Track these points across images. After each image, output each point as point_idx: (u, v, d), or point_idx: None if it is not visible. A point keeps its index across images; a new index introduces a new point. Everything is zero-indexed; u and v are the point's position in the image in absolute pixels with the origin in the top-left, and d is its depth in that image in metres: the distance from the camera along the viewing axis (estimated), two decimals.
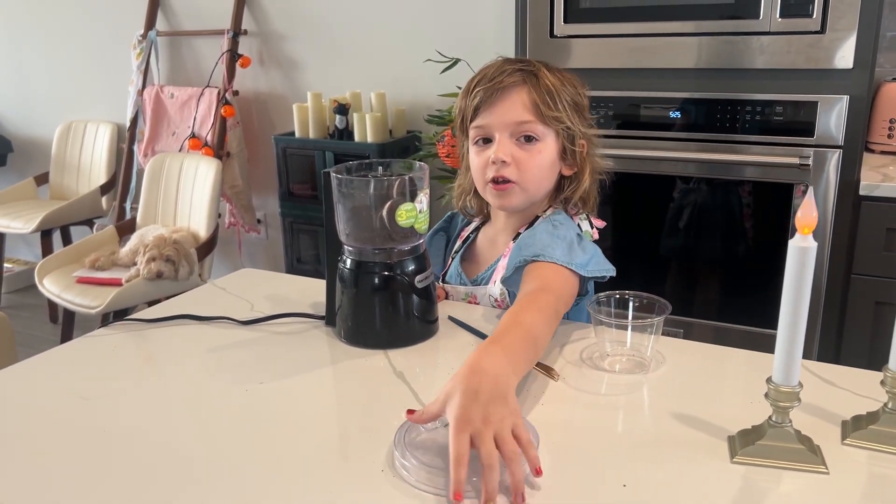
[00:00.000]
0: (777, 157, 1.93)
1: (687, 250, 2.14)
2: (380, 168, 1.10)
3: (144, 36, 3.41)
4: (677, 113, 2.04)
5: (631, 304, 1.00)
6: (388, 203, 1.03)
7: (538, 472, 0.73)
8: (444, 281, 1.33)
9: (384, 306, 1.07)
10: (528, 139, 1.15)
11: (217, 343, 1.12)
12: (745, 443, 0.78)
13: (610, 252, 1.22)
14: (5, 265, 3.85)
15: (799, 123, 1.90)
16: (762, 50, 1.90)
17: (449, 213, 1.44)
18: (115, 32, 3.59)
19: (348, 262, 1.08)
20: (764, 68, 1.91)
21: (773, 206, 1.99)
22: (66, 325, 3.02)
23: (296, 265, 3.13)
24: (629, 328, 0.99)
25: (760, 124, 1.94)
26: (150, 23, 3.42)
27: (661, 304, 0.99)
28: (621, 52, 2.06)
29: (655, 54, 2.02)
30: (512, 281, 1.12)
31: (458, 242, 1.37)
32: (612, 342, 1.01)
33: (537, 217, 1.23)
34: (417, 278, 1.06)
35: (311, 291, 1.31)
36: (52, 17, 3.78)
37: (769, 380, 0.76)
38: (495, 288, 1.21)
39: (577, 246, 1.12)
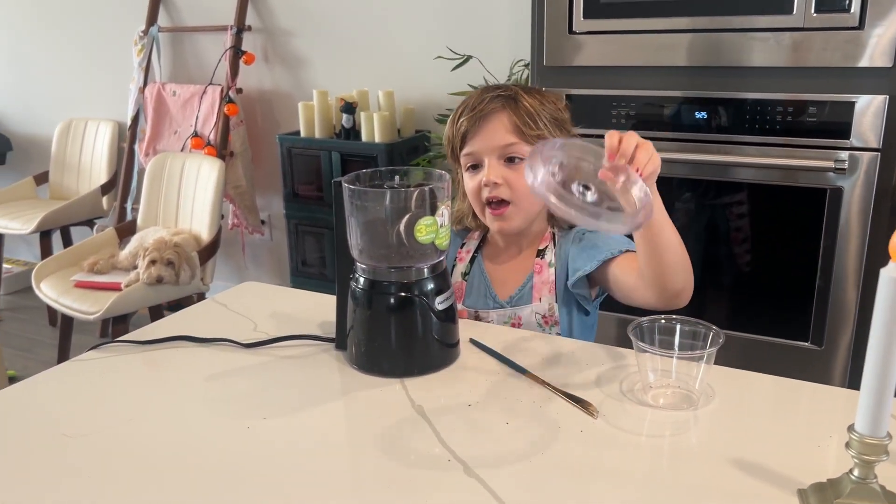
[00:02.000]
0: (810, 160, 1.82)
1: (712, 257, 2.03)
2: (396, 177, 1.00)
3: (146, 32, 3.32)
4: (703, 113, 1.93)
5: (678, 329, 0.90)
6: (406, 217, 0.93)
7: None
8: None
9: (401, 330, 0.97)
10: (515, 160, 1.20)
11: (216, 369, 1.02)
12: (821, 500, 0.67)
13: None
14: (4, 266, 3.77)
15: (834, 124, 1.80)
16: (795, 47, 1.79)
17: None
18: (116, 28, 3.49)
19: (361, 280, 0.98)
20: (796, 66, 1.80)
21: (804, 211, 1.88)
22: (65, 329, 2.92)
23: (301, 268, 3.04)
24: (675, 358, 0.88)
25: (792, 125, 1.84)
26: (152, 18, 3.32)
27: (713, 333, 0.88)
28: (643, 49, 1.96)
29: (680, 51, 1.92)
30: (580, 284, 1.18)
31: (462, 265, 1.32)
32: (655, 372, 0.91)
33: (553, 234, 1.27)
34: (438, 299, 0.96)
35: (319, 309, 1.21)
36: (52, 12, 3.68)
37: (851, 428, 0.66)
38: (542, 305, 1.22)
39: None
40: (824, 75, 1.79)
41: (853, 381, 1.91)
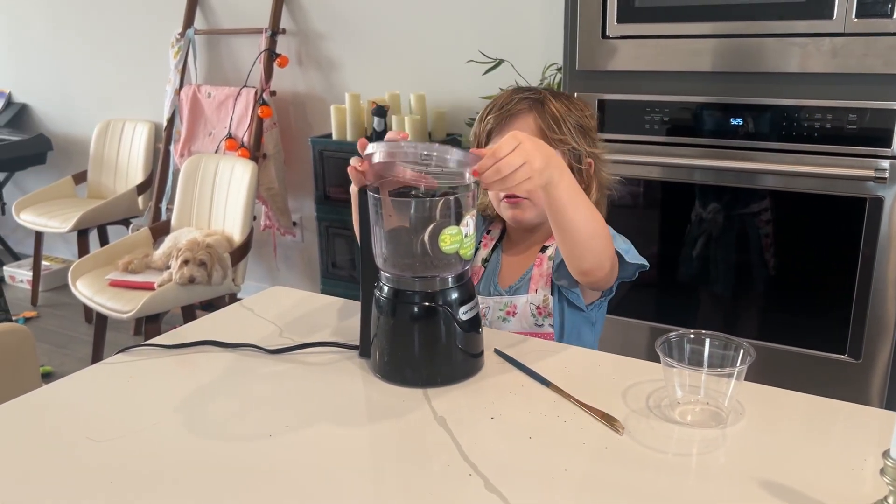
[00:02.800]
0: (849, 168, 1.78)
1: (746, 266, 2.00)
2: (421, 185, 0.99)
3: (182, 34, 3.36)
4: (738, 120, 1.90)
5: (708, 344, 0.88)
6: (431, 226, 0.92)
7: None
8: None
9: (424, 340, 0.96)
10: None
11: (241, 376, 1.02)
12: None
13: (659, 266, 1.21)
14: (43, 263, 3.84)
15: (875, 132, 1.75)
16: (835, 53, 1.75)
17: None
18: (153, 30, 3.54)
19: (385, 289, 0.97)
20: (836, 72, 1.76)
21: (843, 220, 1.84)
22: (99, 327, 2.97)
23: (331, 270, 3.05)
24: (704, 374, 0.86)
25: (831, 133, 1.79)
26: (189, 21, 3.36)
27: (744, 349, 0.86)
28: (678, 54, 1.93)
29: (715, 56, 1.88)
30: (561, 273, 1.20)
31: (485, 251, 1.37)
32: (683, 388, 0.89)
33: None
34: (462, 310, 0.96)
35: (344, 314, 1.21)
36: (92, 16, 3.75)
37: (887, 454, 0.63)
38: (537, 296, 1.26)
39: (617, 236, 1.20)
40: (865, 82, 1.74)
41: (892, 397, 1.86)
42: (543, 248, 1.30)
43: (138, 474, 0.80)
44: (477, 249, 1.35)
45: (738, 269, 2.00)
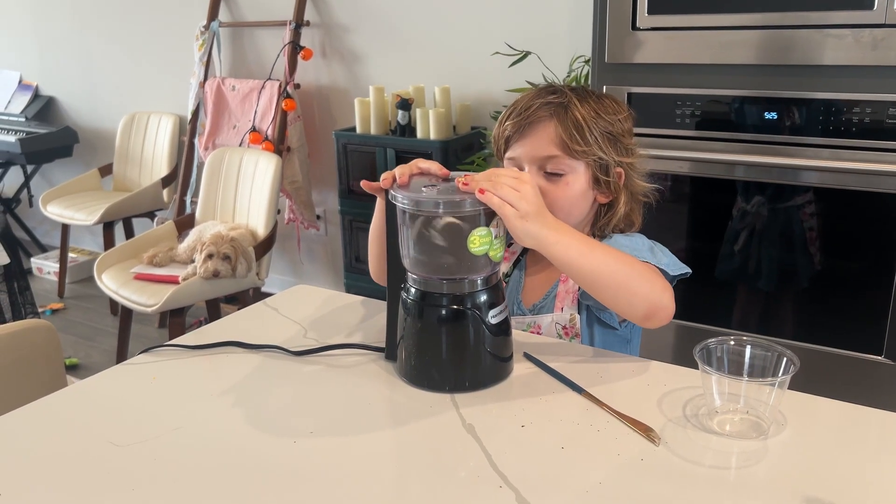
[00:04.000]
0: (889, 164, 1.72)
1: (779, 264, 1.95)
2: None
3: (207, 27, 3.35)
4: (773, 114, 1.85)
5: (748, 352, 0.84)
6: (460, 228, 0.89)
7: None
8: None
9: (452, 344, 0.93)
10: (555, 174, 1.14)
11: (265, 379, 1.00)
12: None
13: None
14: (70, 255, 3.87)
15: None
16: (875, 45, 1.69)
17: None
18: (178, 23, 3.54)
19: (412, 291, 0.95)
20: (876, 65, 1.70)
21: (882, 217, 1.78)
22: (124, 319, 2.98)
23: (354, 264, 3.03)
24: (744, 382, 0.83)
25: (871, 127, 1.74)
26: (213, 13, 3.35)
27: (787, 357, 0.83)
28: (710, 46, 1.87)
29: (749, 49, 1.83)
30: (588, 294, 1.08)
31: (506, 265, 1.27)
32: (722, 396, 0.85)
33: None
34: (491, 313, 0.93)
35: (370, 314, 1.19)
36: (118, 9, 3.76)
37: None
38: (563, 315, 1.18)
39: (656, 249, 1.14)
40: None
41: None
42: None
43: (160, 481, 0.78)
44: None
45: (768, 266, 1.95)
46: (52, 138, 3.92)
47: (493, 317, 0.93)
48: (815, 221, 1.87)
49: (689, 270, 1.12)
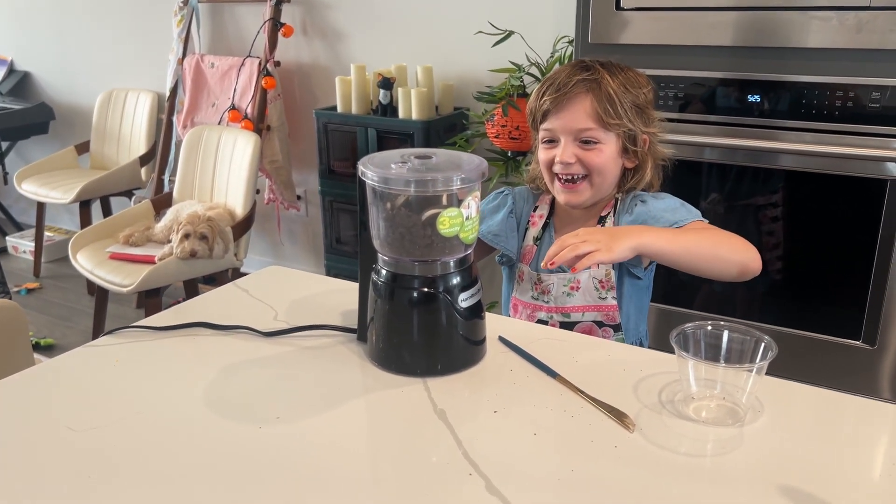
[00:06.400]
0: (870, 148, 1.71)
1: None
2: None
3: (186, 2, 3.28)
4: (755, 96, 1.83)
5: (726, 337, 0.82)
6: (430, 207, 0.86)
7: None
8: (521, 264, 1.36)
9: (423, 327, 0.91)
10: (589, 142, 1.25)
11: (233, 359, 0.97)
12: None
13: None
14: (46, 234, 3.81)
15: None
16: (860, 27, 1.67)
17: (501, 192, 1.42)
18: None
19: (383, 272, 0.92)
20: (861, 48, 1.68)
21: (862, 202, 1.77)
22: (100, 300, 2.94)
23: (335, 245, 3.00)
24: (721, 368, 0.81)
25: (852, 111, 1.72)
26: None
27: (765, 343, 0.81)
28: (694, 28, 1.85)
29: (733, 30, 1.81)
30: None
31: (535, 229, 1.36)
32: (699, 382, 0.83)
33: (616, 199, 1.31)
34: (462, 296, 0.90)
35: (344, 297, 1.16)
36: None
37: None
38: (599, 271, 1.28)
39: (684, 205, 1.25)
40: (890, 58, 1.67)
41: None
42: (601, 220, 1.30)
43: (117, 467, 0.75)
44: (527, 229, 1.37)
45: None
46: (27, 114, 3.84)
47: (464, 300, 0.90)
48: (796, 206, 1.86)
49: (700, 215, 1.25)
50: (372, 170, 0.88)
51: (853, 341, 1.83)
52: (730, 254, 1.13)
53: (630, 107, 1.24)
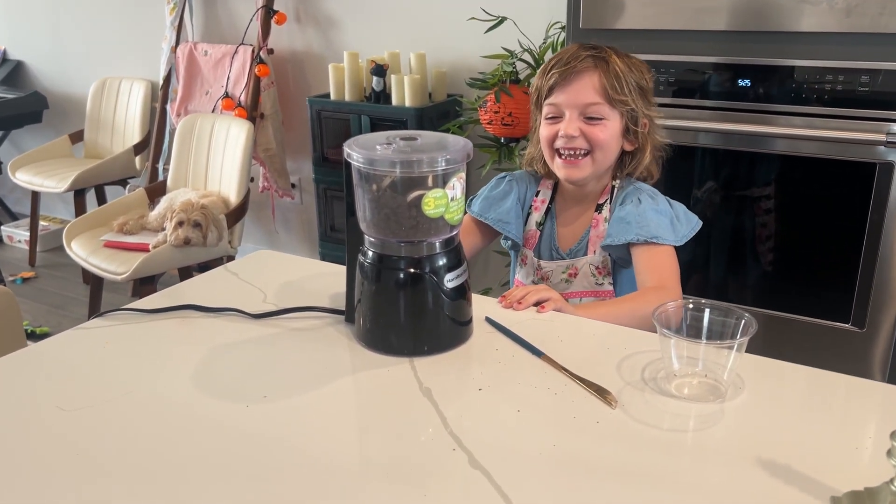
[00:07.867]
0: (860, 132, 1.71)
1: (750, 233, 1.94)
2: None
3: None
4: (746, 81, 1.83)
5: (707, 315, 0.83)
6: (415, 188, 0.87)
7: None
8: (525, 248, 1.40)
9: (409, 308, 0.92)
10: (594, 118, 1.26)
11: (221, 341, 0.98)
12: None
13: None
14: (41, 223, 3.81)
15: (888, 95, 1.68)
16: (849, 11, 1.67)
17: (503, 177, 1.44)
18: None
19: (369, 254, 0.93)
20: (848, 32, 1.69)
21: (851, 185, 1.78)
22: (95, 288, 2.94)
23: (329, 233, 3.00)
24: (702, 345, 0.82)
25: (842, 95, 1.73)
26: None
27: (745, 320, 0.82)
28: (685, 12, 1.85)
29: (724, 14, 1.81)
30: (615, 249, 1.28)
31: (538, 214, 1.39)
32: (681, 360, 0.84)
33: (613, 187, 1.34)
34: (448, 276, 0.91)
35: (332, 279, 1.17)
36: None
37: (894, 434, 0.59)
38: (596, 257, 1.32)
39: (678, 219, 1.29)
40: (880, 42, 1.67)
41: None
42: (598, 208, 1.33)
43: (106, 446, 0.76)
44: (529, 213, 1.39)
45: (741, 234, 1.95)
46: (20, 104, 3.83)
47: (449, 280, 0.91)
48: (786, 190, 1.87)
49: (699, 223, 1.31)
50: (357, 151, 0.88)
51: (842, 324, 1.84)
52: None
53: (634, 87, 1.27)
